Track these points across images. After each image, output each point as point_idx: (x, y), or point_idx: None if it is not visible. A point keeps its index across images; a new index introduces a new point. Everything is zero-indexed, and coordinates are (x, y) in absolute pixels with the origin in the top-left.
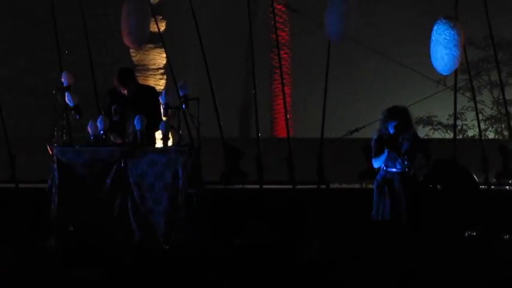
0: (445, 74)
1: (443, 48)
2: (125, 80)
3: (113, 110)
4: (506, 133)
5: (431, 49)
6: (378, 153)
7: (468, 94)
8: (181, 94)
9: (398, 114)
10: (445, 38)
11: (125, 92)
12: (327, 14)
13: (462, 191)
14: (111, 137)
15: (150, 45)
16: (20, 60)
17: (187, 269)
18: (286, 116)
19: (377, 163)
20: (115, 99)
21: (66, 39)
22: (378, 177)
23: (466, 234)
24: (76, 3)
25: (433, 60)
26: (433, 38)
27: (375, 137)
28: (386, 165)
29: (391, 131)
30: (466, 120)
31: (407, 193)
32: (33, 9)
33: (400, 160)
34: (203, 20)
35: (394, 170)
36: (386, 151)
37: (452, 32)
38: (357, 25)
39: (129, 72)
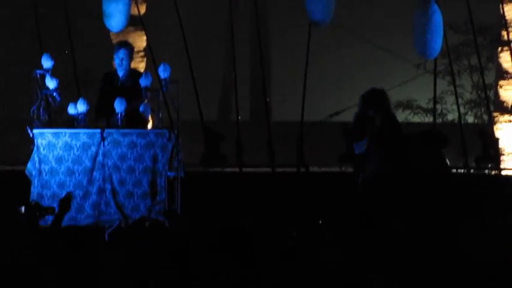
0: (429, 58)
1: (425, 34)
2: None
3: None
4: (485, 117)
5: (413, 34)
6: (359, 139)
7: (448, 78)
8: (161, 77)
9: (375, 95)
10: (427, 23)
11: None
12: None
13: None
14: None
15: (130, 28)
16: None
17: (165, 251)
18: (265, 99)
19: (358, 148)
20: (108, 83)
21: (46, 23)
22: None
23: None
24: None
25: (416, 42)
26: (414, 21)
27: (354, 120)
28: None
29: (371, 113)
30: (445, 104)
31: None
32: None
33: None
34: (184, 1)
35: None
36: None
37: (433, 15)
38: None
39: (127, 44)
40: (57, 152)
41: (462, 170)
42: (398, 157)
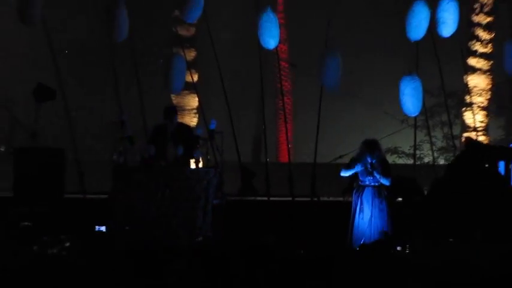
0: (412, 116)
1: (409, 98)
2: (169, 113)
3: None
4: (454, 160)
5: (400, 98)
6: (348, 168)
7: (424, 131)
8: (210, 128)
9: (372, 145)
10: (410, 90)
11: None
12: (322, 70)
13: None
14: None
15: (186, 91)
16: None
17: (213, 260)
18: (287, 145)
19: (344, 173)
20: (159, 132)
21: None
22: (356, 189)
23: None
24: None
25: (402, 104)
26: (400, 87)
27: (351, 161)
28: (361, 180)
29: (369, 158)
30: (422, 150)
31: (374, 201)
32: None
33: (369, 177)
34: (227, 70)
35: (366, 183)
36: (355, 167)
37: (415, 84)
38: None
39: (173, 109)
40: (133, 184)
41: None
42: None
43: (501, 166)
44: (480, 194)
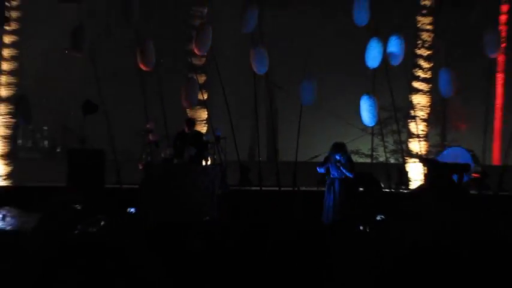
0: (370, 125)
1: (367, 112)
2: (191, 124)
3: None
4: (401, 160)
5: (360, 112)
6: (322, 165)
7: (379, 137)
8: (217, 135)
9: (339, 147)
10: (368, 106)
11: (187, 130)
12: (301, 88)
13: (374, 192)
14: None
15: (198, 106)
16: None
17: (218, 233)
18: (275, 148)
19: (319, 169)
20: (180, 137)
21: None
22: (328, 181)
23: (378, 217)
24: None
25: (362, 116)
26: (361, 103)
27: (323, 160)
28: (332, 174)
29: (338, 157)
30: (378, 152)
31: (341, 190)
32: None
33: (338, 171)
34: (229, 90)
35: (336, 176)
36: (327, 164)
37: (371, 102)
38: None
39: (193, 121)
40: (156, 179)
41: (387, 190)
42: None
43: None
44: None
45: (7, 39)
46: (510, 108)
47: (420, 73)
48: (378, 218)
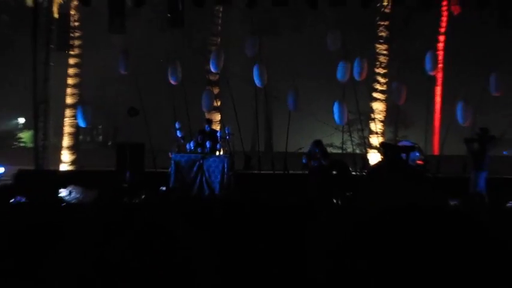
0: (341, 124)
1: (339, 114)
2: (210, 123)
3: (198, 140)
4: (364, 151)
5: (334, 114)
6: (306, 156)
7: (347, 134)
8: (226, 132)
9: (318, 143)
10: (339, 110)
11: (207, 128)
12: (289, 98)
13: (345, 175)
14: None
15: (213, 111)
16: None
17: (229, 205)
18: (271, 142)
19: (304, 159)
20: (201, 133)
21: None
22: (309, 167)
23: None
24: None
25: (335, 118)
26: (334, 108)
27: (306, 152)
28: (313, 162)
29: (316, 150)
30: (346, 145)
31: (320, 174)
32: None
33: (317, 160)
34: (237, 98)
35: (316, 164)
36: (309, 154)
37: (342, 107)
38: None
39: (211, 120)
40: (182, 165)
41: (354, 173)
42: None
43: (403, 156)
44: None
45: (71, 60)
46: (445, 112)
47: (378, 86)
48: (347, 194)
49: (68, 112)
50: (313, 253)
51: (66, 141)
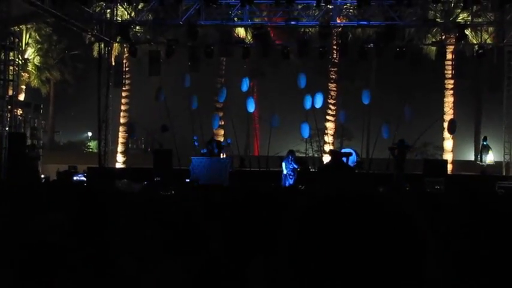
0: (306, 137)
1: (305, 130)
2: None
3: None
4: (320, 155)
5: (301, 130)
6: (283, 162)
7: (310, 143)
8: (228, 142)
9: (291, 152)
10: (305, 127)
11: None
12: (272, 119)
13: (305, 170)
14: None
15: (219, 128)
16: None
17: (230, 191)
18: (258, 147)
19: (282, 164)
20: (212, 142)
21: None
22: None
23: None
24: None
25: (302, 132)
26: (301, 126)
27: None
28: (287, 166)
29: (290, 157)
30: (309, 151)
31: (291, 172)
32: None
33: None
34: (236, 120)
35: (289, 167)
36: (285, 161)
37: (307, 126)
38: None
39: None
40: (197, 164)
41: (312, 169)
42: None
43: (344, 159)
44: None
45: (123, 93)
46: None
47: (330, 111)
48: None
49: (121, 128)
50: (286, 220)
51: (120, 148)
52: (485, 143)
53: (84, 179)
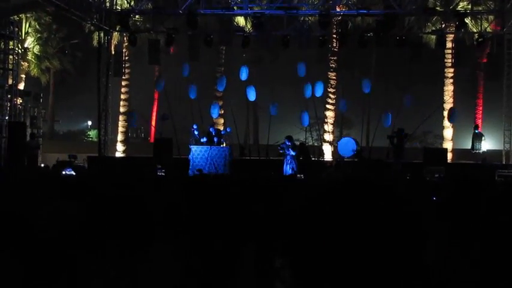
0: (305, 126)
1: (304, 119)
2: (213, 125)
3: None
4: (320, 143)
5: (301, 118)
6: (281, 149)
7: (309, 132)
8: (228, 130)
9: (289, 137)
10: (305, 116)
11: (212, 130)
12: (270, 106)
13: (307, 159)
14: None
15: (219, 116)
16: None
17: (230, 182)
18: (257, 137)
19: (280, 149)
20: (210, 133)
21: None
22: (283, 156)
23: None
24: None
25: (302, 121)
26: (301, 115)
27: (282, 145)
28: (286, 152)
29: (287, 142)
30: (308, 140)
31: (289, 159)
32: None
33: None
34: (235, 106)
35: (287, 153)
36: (283, 147)
37: (306, 114)
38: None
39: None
40: (197, 153)
41: (313, 158)
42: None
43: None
44: None
45: (123, 83)
46: (375, 118)
47: (329, 100)
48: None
49: (121, 117)
50: (289, 206)
51: (119, 137)
52: (476, 131)
53: (74, 173)
